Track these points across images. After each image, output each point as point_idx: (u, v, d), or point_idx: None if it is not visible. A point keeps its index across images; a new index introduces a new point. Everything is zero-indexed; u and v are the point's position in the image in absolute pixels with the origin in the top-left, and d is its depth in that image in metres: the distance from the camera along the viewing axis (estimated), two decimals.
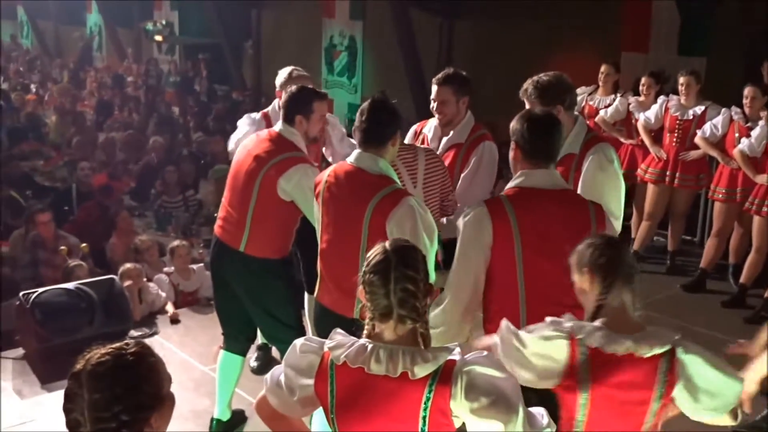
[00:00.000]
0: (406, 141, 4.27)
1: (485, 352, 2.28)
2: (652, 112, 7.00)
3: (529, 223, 2.99)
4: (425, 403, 2.15)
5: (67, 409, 1.85)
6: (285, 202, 3.96)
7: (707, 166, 7.06)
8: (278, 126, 4.11)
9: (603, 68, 7.61)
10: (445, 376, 2.15)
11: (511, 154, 3.16)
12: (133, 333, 5.73)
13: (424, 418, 2.16)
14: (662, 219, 7.31)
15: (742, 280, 6.38)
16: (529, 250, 2.97)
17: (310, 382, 2.25)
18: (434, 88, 4.25)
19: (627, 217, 8.07)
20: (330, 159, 5.01)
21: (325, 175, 3.51)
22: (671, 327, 6.01)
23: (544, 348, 2.42)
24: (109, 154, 11.18)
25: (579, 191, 3.51)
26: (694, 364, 2.39)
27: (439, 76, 4.24)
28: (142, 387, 1.85)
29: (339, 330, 2.31)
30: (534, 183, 3.07)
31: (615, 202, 3.55)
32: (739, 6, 8.21)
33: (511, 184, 3.13)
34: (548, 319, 2.48)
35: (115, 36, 20.80)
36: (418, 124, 4.54)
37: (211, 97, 16.06)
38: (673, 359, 2.39)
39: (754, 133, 6.24)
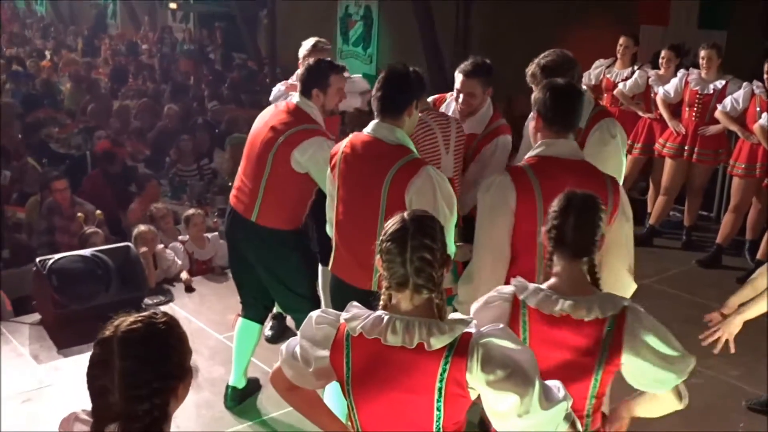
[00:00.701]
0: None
1: (501, 325, 2.25)
2: (671, 86, 6.92)
3: (550, 191, 2.94)
4: (441, 375, 2.13)
5: (94, 376, 1.83)
6: (299, 174, 3.94)
7: (726, 141, 6.98)
8: (295, 98, 4.08)
9: (621, 40, 7.51)
10: (461, 348, 2.14)
11: (532, 123, 3.16)
12: (148, 300, 5.76)
13: (440, 389, 2.14)
14: (679, 194, 7.26)
15: (758, 256, 6.33)
16: None
17: (326, 353, 2.24)
18: (459, 77, 4.06)
19: (643, 192, 8.04)
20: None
21: (342, 146, 3.47)
22: (685, 302, 6.03)
23: (488, 313, 2.44)
24: (123, 122, 11.17)
25: None
26: (642, 334, 2.37)
27: (467, 66, 4.05)
28: (172, 356, 1.85)
29: (355, 303, 2.30)
30: (555, 152, 3.07)
31: (618, 174, 3.54)
32: None
33: (531, 153, 3.12)
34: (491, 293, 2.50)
35: (129, 3, 20.72)
36: (435, 97, 4.43)
37: (226, 66, 16.01)
38: (621, 327, 2.37)
39: None
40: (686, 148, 6.87)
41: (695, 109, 6.81)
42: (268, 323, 5.28)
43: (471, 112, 4.10)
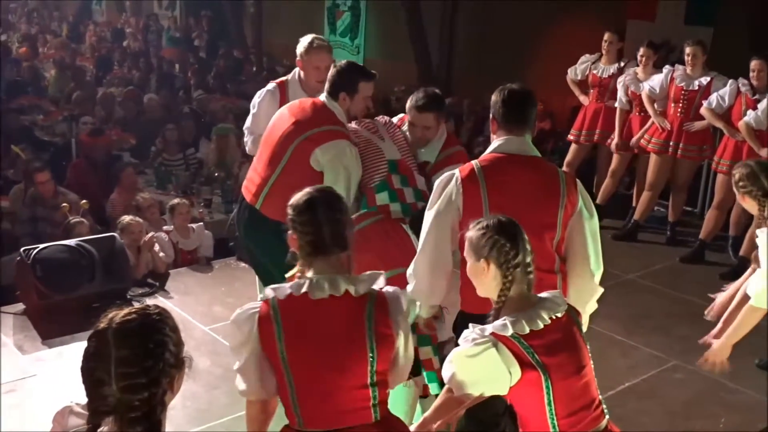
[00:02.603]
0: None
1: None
2: (656, 83, 6.95)
3: (498, 186, 3.10)
4: (368, 317, 2.42)
5: (88, 369, 1.83)
6: (314, 172, 3.95)
7: (711, 138, 7.02)
8: (323, 96, 4.12)
9: (606, 36, 7.51)
10: (380, 296, 2.47)
11: (491, 127, 3.29)
12: (133, 292, 5.74)
13: (370, 329, 2.41)
14: (663, 189, 7.30)
15: (742, 252, 6.38)
16: (497, 212, 2.90)
17: (255, 337, 2.41)
18: (413, 111, 4.05)
19: (628, 187, 8.09)
20: None
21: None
22: (668, 297, 6.11)
23: (479, 364, 2.45)
24: (108, 110, 11.09)
25: None
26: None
27: (420, 100, 4.01)
28: (168, 346, 1.87)
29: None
30: (506, 149, 3.19)
31: None
32: None
33: (486, 152, 3.25)
34: (465, 333, 2.52)
35: None
36: (399, 117, 4.39)
37: (212, 54, 15.91)
38: (572, 307, 2.65)
39: (761, 105, 6.21)
40: (671, 143, 6.91)
41: (680, 105, 6.85)
42: None
43: (425, 143, 4.12)
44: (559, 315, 2.52)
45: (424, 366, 3.49)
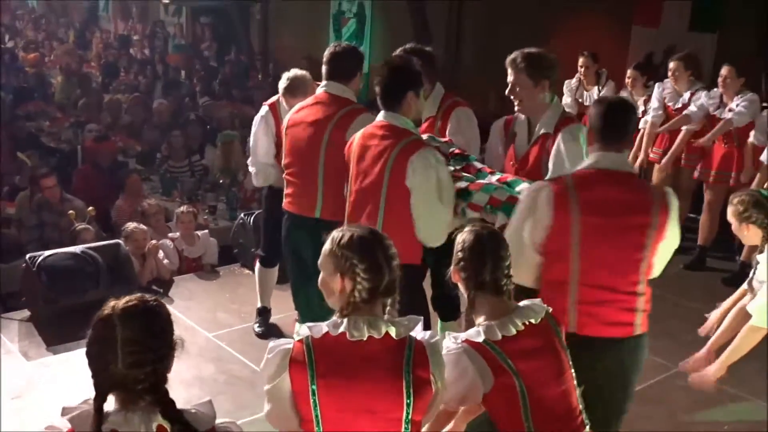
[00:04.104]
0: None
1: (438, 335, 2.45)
2: (656, 110, 6.88)
3: (591, 203, 3.01)
4: (407, 361, 2.30)
5: (95, 353, 2.04)
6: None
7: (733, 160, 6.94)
8: (322, 87, 4.21)
9: (581, 61, 7.44)
10: (418, 343, 2.35)
11: (588, 139, 3.26)
12: None
13: (407, 373, 2.28)
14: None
15: (742, 257, 6.38)
16: (588, 231, 2.98)
17: (286, 374, 2.29)
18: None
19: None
20: None
21: (357, 137, 3.74)
22: (670, 304, 6.09)
23: (452, 372, 2.48)
24: (114, 117, 11.15)
25: (549, 168, 3.64)
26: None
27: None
28: (167, 328, 2.10)
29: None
30: (603, 165, 3.08)
31: None
32: None
33: (581, 166, 3.17)
34: (444, 342, 2.53)
35: None
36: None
37: (218, 61, 15.98)
38: (550, 314, 2.66)
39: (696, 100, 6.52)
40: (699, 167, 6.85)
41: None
42: (255, 319, 5.34)
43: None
44: (533, 321, 2.55)
45: None
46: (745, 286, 4.02)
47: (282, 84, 4.86)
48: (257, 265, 5.35)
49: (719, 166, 6.60)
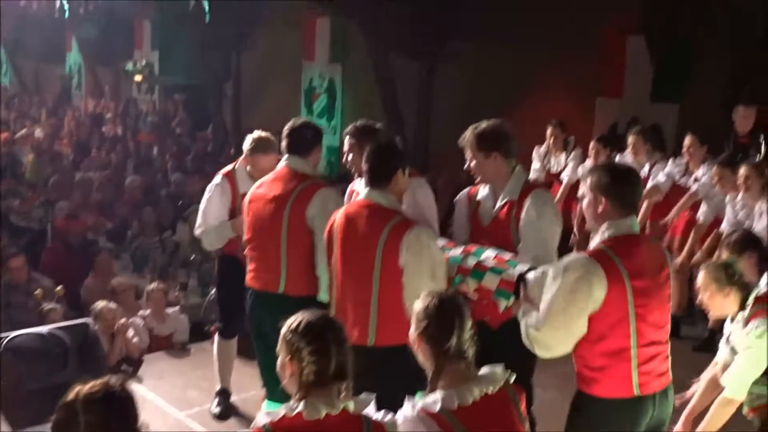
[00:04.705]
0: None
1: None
2: None
3: (633, 268, 3.10)
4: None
5: None
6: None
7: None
8: (283, 161, 4.25)
9: (549, 129, 7.63)
10: (377, 424, 2.48)
11: (599, 209, 3.18)
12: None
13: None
14: None
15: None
16: (638, 294, 3.08)
17: None
18: (347, 137, 4.31)
19: None
20: None
21: (338, 216, 3.75)
22: None
23: None
24: (84, 195, 11.12)
25: (520, 234, 3.71)
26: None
27: (352, 129, 4.34)
28: (130, 413, 2.14)
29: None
30: (626, 230, 3.16)
31: (552, 242, 3.76)
32: (713, 55, 8.38)
33: (604, 236, 3.17)
34: (399, 416, 2.57)
35: (94, 75, 20.82)
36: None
37: (190, 137, 16.07)
38: (510, 384, 2.72)
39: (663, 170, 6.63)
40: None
41: None
42: (215, 399, 5.26)
43: None
44: (491, 390, 2.60)
45: None
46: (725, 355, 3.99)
47: (247, 144, 4.89)
48: (216, 338, 5.27)
49: (683, 233, 6.67)
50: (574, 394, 3.26)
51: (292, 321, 2.47)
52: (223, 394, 5.29)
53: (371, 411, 2.48)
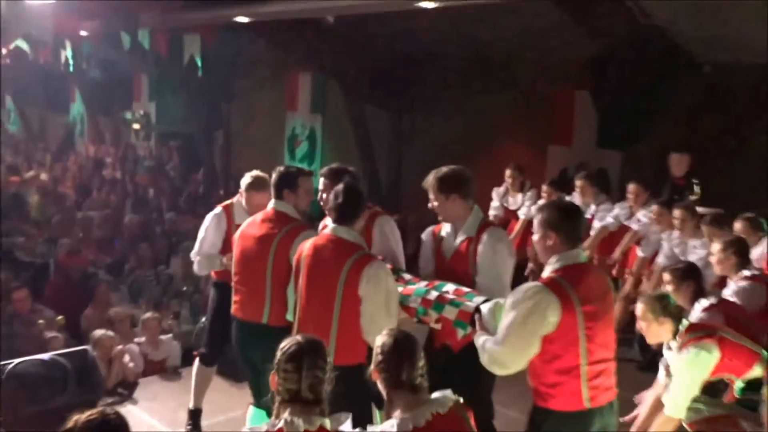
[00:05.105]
0: None
1: None
2: None
3: (583, 295, 3.15)
4: None
5: None
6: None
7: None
8: (270, 204, 4.29)
9: (507, 172, 7.73)
10: None
11: (549, 242, 3.24)
12: (104, 400, 5.58)
13: None
14: None
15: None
16: (588, 318, 3.14)
17: None
18: (322, 179, 4.35)
19: None
20: None
21: (306, 247, 3.79)
22: None
23: None
24: (86, 232, 11.02)
25: (477, 267, 3.76)
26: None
27: (325, 170, 4.41)
28: None
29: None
30: (574, 260, 3.23)
31: (506, 275, 3.81)
32: (653, 104, 8.50)
33: (555, 266, 3.22)
34: None
35: (95, 123, 20.74)
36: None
37: (184, 180, 16.03)
38: (459, 403, 2.77)
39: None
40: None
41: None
42: (187, 424, 5.14)
43: None
44: (441, 411, 2.63)
45: None
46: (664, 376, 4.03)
47: (245, 181, 4.88)
48: (196, 362, 5.18)
49: (632, 266, 6.76)
50: (531, 408, 3.29)
51: (286, 342, 2.55)
52: (195, 413, 5.18)
53: (347, 428, 2.49)
